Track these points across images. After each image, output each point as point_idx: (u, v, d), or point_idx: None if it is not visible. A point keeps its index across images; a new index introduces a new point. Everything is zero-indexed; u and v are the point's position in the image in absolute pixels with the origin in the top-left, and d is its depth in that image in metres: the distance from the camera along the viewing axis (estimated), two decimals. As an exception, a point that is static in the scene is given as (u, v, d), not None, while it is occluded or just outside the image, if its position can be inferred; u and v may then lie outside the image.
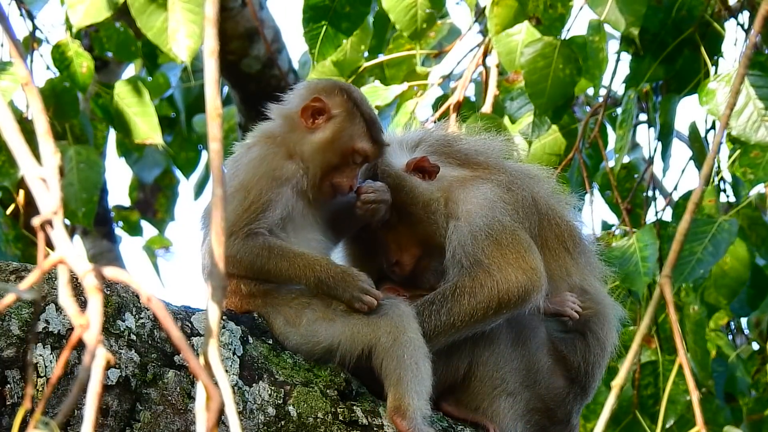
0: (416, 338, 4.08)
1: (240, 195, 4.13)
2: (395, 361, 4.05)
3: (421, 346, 4.08)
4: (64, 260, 2.20)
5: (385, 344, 4.07)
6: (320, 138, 4.24)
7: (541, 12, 5.86)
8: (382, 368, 4.08)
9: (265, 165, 4.19)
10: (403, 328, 4.08)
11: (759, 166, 5.57)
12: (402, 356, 4.05)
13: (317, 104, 4.25)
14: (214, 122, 2.30)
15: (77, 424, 3.86)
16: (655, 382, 6.09)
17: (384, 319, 4.09)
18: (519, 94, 6.04)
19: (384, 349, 4.06)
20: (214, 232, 2.28)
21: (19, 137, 2.29)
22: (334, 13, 5.94)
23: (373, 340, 4.08)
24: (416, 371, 4.05)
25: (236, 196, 4.12)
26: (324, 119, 4.25)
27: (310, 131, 4.25)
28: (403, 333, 4.08)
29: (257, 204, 4.12)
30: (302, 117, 4.25)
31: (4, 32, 2.47)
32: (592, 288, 4.52)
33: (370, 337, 4.08)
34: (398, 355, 4.05)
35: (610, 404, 2.60)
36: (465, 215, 4.35)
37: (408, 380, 4.04)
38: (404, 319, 4.10)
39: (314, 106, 4.25)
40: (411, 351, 4.06)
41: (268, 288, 4.18)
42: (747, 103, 5.57)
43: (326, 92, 4.28)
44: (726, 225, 5.71)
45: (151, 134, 6.38)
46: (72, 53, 6.30)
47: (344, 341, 4.11)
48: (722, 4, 6.05)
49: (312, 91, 4.29)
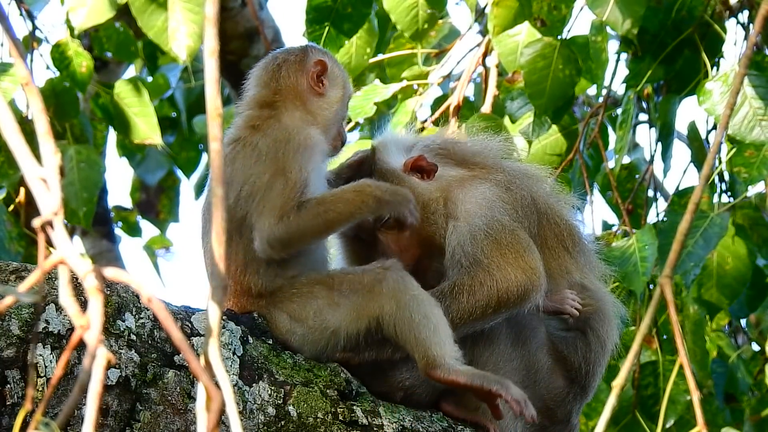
0: (418, 294, 4.09)
1: (280, 179, 4.11)
2: (407, 324, 4.06)
3: (425, 299, 4.08)
4: (65, 260, 2.20)
5: (390, 311, 4.07)
6: (335, 96, 4.35)
7: (545, 14, 5.86)
8: (397, 336, 4.08)
9: (294, 140, 4.19)
10: (404, 289, 4.09)
11: (753, 166, 5.58)
12: (410, 317, 4.06)
13: (321, 67, 4.34)
14: (214, 122, 2.30)
15: (77, 424, 3.86)
16: (656, 382, 6.09)
17: (383, 286, 4.09)
18: (519, 94, 6.04)
19: (391, 316, 4.07)
20: (214, 232, 2.27)
21: (19, 137, 2.29)
22: (337, 15, 5.94)
23: (377, 309, 4.08)
24: (428, 324, 4.05)
25: (276, 181, 4.11)
26: (326, 79, 4.34)
27: (320, 95, 4.32)
28: (404, 293, 4.08)
29: (300, 181, 4.12)
30: (313, 84, 4.31)
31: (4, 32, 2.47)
32: (592, 285, 4.52)
33: (373, 307, 4.09)
34: (406, 317, 4.06)
35: (611, 404, 2.60)
36: (464, 215, 4.35)
37: (425, 336, 4.04)
38: (401, 280, 4.10)
39: (319, 69, 4.34)
40: (416, 307, 4.06)
41: (275, 287, 4.18)
42: (743, 103, 5.58)
43: (318, 54, 4.38)
44: (717, 219, 5.72)
45: (150, 134, 6.38)
46: (72, 53, 6.30)
47: (350, 322, 4.11)
48: (723, 4, 6.05)
49: (304, 58, 4.36)
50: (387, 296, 4.08)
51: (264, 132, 4.22)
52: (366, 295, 4.11)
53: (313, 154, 4.21)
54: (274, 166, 4.14)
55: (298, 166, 4.13)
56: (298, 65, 4.35)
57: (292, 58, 4.38)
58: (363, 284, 4.11)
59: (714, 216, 5.74)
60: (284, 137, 4.19)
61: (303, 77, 4.33)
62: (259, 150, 4.18)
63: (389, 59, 6.61)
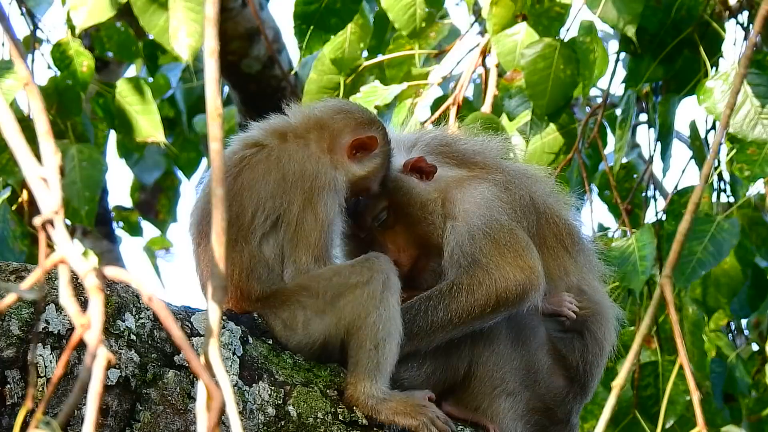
0: (387, 316, 4.06)
1: (310, 215, 4.14)
2: (357, 344, 4.06)
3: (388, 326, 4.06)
4: (65, 260, 2.20)
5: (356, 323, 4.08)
6: (357, 172, 4.29)
7: (528, 8, 5.86)
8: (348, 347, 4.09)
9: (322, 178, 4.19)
10: (376, 305, 4.06)
11: (755, 163, 5.58)
12: (364, 339, 4.05)
13: (368, 141, 4.29)
14: (214, 122, 2.30)
15: (77, 424, 3.86)
16: (655, 382, 6.09)
17: (366, 290, 4.07)
18: (517, 92, 6.04)
19: (355, 328, 4.08)
20: (214, 232, 2.28)
21: (19, 137, 2.29)
22: (326, 9, 5.95)
23: (353, 315, 4.09)
24: (374, 355, 4.05)
25: (307, 216, 4.14)
26: (365, 154, 4.30)
27: (349, 158, 4.28)
28: (374, 309, 4.06)
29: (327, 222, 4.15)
30: (351, 146, 4.28)
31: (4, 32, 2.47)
32: (589, 288, 4.52)
33: (348, 318, 4.09)
34: (361, 338, 4.05)
35: (611, 405, 2.60)
36: (462, 215, 4.36)
37: (364, 365, 4.05)
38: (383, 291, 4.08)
39: (365, 142, 4.29)
40: (374, 334, 4.05)
41: (269, 292, 4.18)
42: (744, 101, 5.58)
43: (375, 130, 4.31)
44: (726, 225, 5.72)
45: (153, 132, 6.38)
46: (72, 52, 6.30)
47: (332, 332, 4.12)
48: (722, 4, 6.05)
49: (362, 124, 4.31)
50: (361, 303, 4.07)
51: (290, 152, 4.20)
52: (349, 299, 4.08)
53: (338, 197, 4.21)
54: (302, 198, 4.15)
55: (324, 204, 4.15)
56: (354, 122, 4.31)
57: (356, 114, 4.35)
58: (348, 285, 4.10)
59: (721, 221, 5.73)
60: (312, 171, 4.17)
61: (349, 134, 4.29)
62: (284, 172, 4.17)
63: (389, 60, 6.60)
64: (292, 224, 4.12)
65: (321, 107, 4.36)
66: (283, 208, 4.14)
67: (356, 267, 4.13)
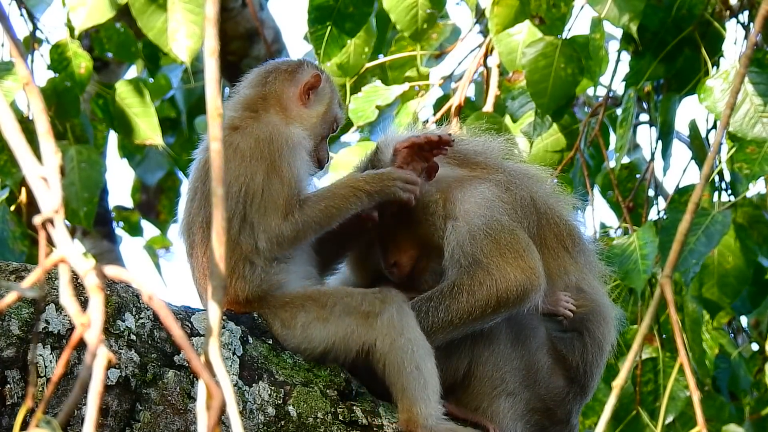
0: (414, 338, 4.08)
1: (275, 179, 4.17)
2: (396, 369, 4.05)
3: (420, 346, 4.07)
4: (66, 259, 2.20)
5: (382, 348, 4.07)
6: (318, 110, 4.39)
7: (544, 11, 5.86)
8: (385, 375, 4.08)
9: (277, 139, 4.24)
10: (400, 330, 4.08)
11: (755, 162, 5.59)
12: (402, 362, 4.05)
13: (313, 80, 4.38)
14: (214, 122, 2.30)
15: (77, 424, 3.86)
16: (656, 378, 6.09)
17: (379, 320, 4.09)
18: (520, 93, 6.04)
19: (382, 354, 4.07)
20: (214, 232, 2.27)
21: (20, 137, 2.29)
22: (338, 14, 5.95)
23: (369, 341, 4.08)
24: (419, 377, 4.05)
25: (272, 181, 4.16)
26: (314, 94, 4.39)
27: (304, 105, 4.37)
28: (400, 335, 4.07)
29: (294, 178, 4.19)
30: (300, 94, 4.36)
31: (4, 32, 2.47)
32: (589, 287, 4.51)
33: (365, 338, 4.09)
34: (398, 361, 4.05)
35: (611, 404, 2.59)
36: (463, 215, 4.35)
37: (412, 389, 4.04)
38: (400, 318, 4.10)
39: (311, 82, 4.38)
40: (410, 355, 4.06)
41: (264, 293, 4.18)
42: (744, 100, 5.59)
43: (313, 69, 4.43)
44: (719, 217, 5.73)
45: (151, 135, 6.38)
46: (71, 53, 6.30)
47: (338, 342, 4.12)
48: (723, 3, 6.05)
49: (295, 70, 4.41)
50: (381, 331, 4.07)
51: (243, 132, 4.25)
52: (360, 322, 4.10)
53: (298, 151, 4.26)
54: (263, 166, 4.18)
55: (287, 163, 4.19)
56: (288, 74, 4.40)
57: (285, 67, 4.45)
58: (359, 310, 4.11)
59: (716, 213, 5.75)
60: (266, 136, 4.23)
61: (291, 86, 4.38)
62: (242, 151, 4.20)
63: (391, 61, 6.60)
64: (257, 194, 4.15)
65: (245, 84, 4.43)
66: (246, 182, 4.16)
67: (368, 296, 4.15)
